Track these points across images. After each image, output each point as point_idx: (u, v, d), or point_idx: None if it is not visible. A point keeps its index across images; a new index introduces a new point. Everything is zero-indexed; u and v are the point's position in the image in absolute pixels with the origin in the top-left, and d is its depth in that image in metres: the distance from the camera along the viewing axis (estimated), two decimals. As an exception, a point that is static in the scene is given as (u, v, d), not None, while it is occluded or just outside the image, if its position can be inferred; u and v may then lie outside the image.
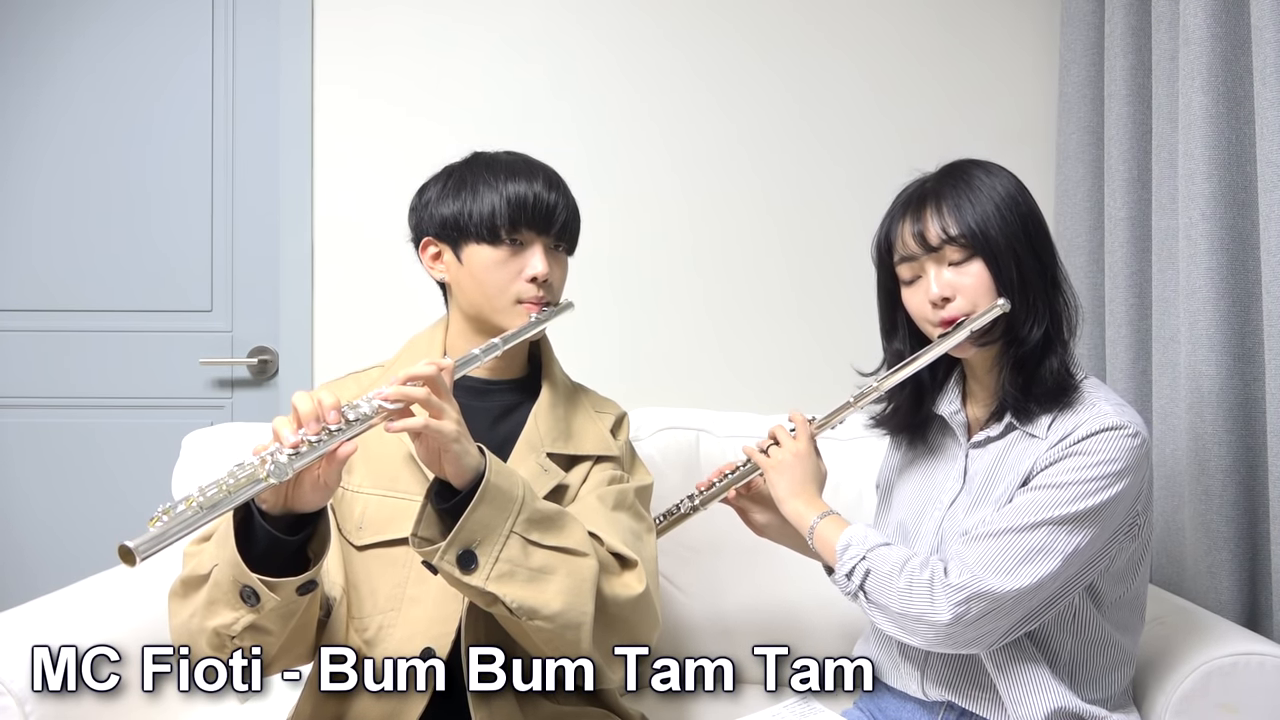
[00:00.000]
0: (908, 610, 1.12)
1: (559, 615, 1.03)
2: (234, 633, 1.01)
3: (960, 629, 1.10)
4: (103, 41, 2.19)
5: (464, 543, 0.99)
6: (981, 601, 1.09)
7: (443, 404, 0.99)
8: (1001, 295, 1.16)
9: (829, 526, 1.22)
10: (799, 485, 1.26)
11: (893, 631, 1.16)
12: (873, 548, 1.18)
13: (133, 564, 0.77)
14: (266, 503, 0.97)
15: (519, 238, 1.22)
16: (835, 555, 1.20)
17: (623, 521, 1.19)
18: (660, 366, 2.17)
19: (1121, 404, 1.16)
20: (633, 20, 2.16)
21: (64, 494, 2.21)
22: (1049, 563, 1.09)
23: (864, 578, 1.16)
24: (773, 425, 1.32)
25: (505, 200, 1.20)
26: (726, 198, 2.17)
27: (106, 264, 2.21)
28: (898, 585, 1.13)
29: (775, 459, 1.27)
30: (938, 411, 1.31)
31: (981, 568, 1.10)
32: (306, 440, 0.91)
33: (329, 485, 0.98)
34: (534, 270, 1.22)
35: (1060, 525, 1.10)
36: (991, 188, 1.18)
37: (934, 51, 2.16)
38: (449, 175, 1.27)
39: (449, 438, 0.98)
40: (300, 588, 1.00)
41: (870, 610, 1.17)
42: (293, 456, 0.90)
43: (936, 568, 1.13)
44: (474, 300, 1.24)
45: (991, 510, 1.17)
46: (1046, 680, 1.16)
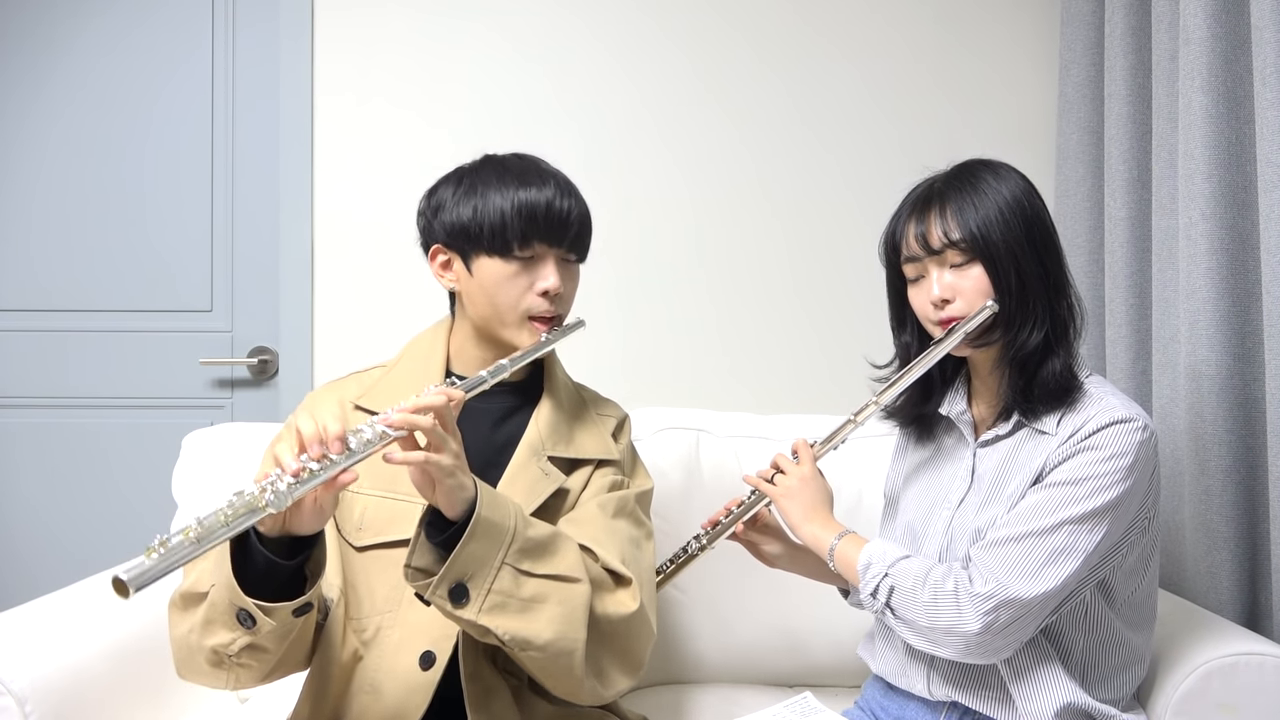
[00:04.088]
0: (936, 623, 1.13)
1: (551, 645, 1.03)
2: (232, 652, 1.01)
3: (990, 637, 1.11)
4: (103, 42, 2.19)
5: (455, 577, 1.00)
6: (1010, 608, 1.10)
7: (446, 436, 0.99)
8: (999, 301, 1.17)
9: (848, 546, 1.22)
10: (811, 509, 1.26)
11: (922, 645, 1.16)
12: (894, 563, 1.18)
13: (126, 596, 0.76)
14: (264, 526, 0.97)
15: (531, 251, 1.19)
16: (857, 575, 1.20)
17: (622, 530, 1.19)
18: (660, 367, 2.17)
19: (1128, 399, 1.17)
20: (634, 21, 2.16)
21: (64, 494, 2.21)
22: (1071, 562, 1.11)
23: (889, 594, 1.17)
24: (774, 454, 1.32)
25: (516, 211, 1.16)
26: (727, 198, 2.17)
27: (106, 264, 2.21)
28: (922, 599, 1.14)
29: (783, 486, 1.27)
30: (943, 412, 1.31)
31: (1005, 573, 1.11)
32: (308, 468, 0.91)
33: (326, 510, 0.98)
34: (546, 285, 1.19)
35: (1081, 523, 1.11)
36: (997, 191, 1.18)
37: (934, 52, 2.16)
38: (459, 180, 1.23)
39: (445, 472, 0.98)
40: (296, 610, 1.00)
41: (899, 626, 1.18)
42: (293, 485, 0.89)
43: (960, 577, 1.13)
44: (483, 313, 1.22)
45: (1004, 508, 1.18)
46: (1057, 677, 1.16)
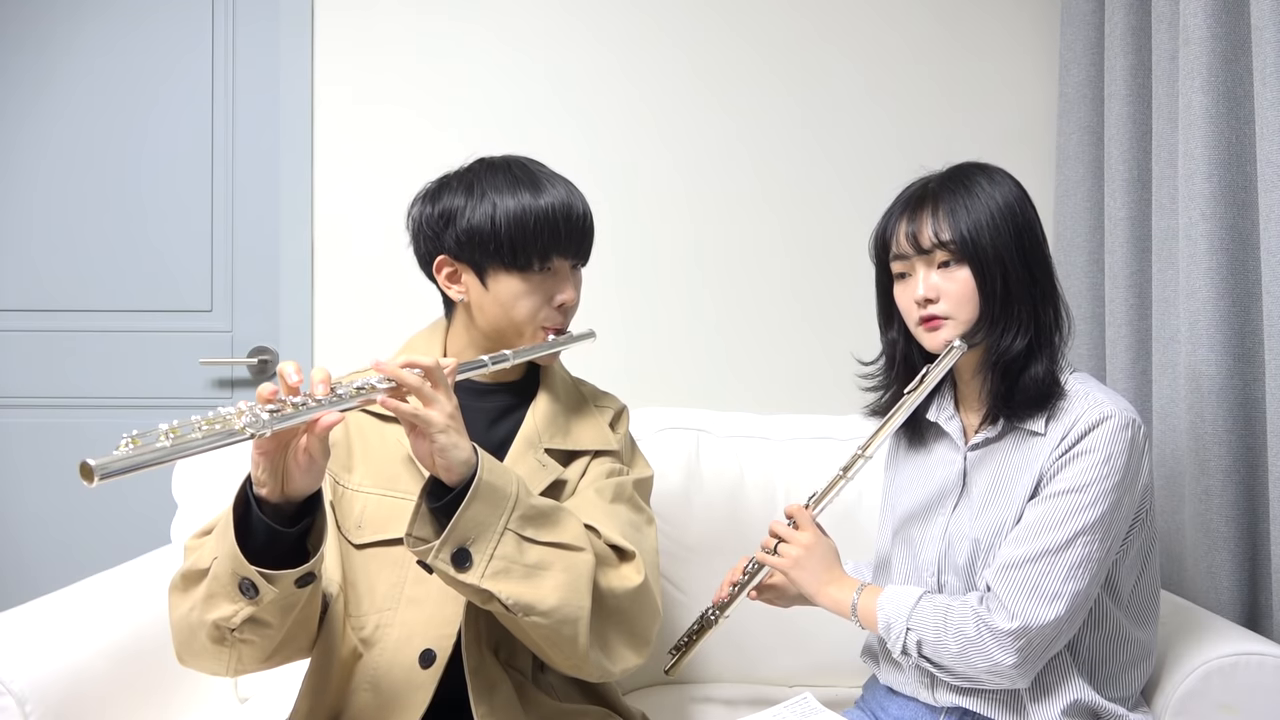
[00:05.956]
0: (972, 669, 1.14)
1: (555, 610, 1.02)
2: (233, 625, 1.00)
3: (1029, 665, 1.13)
4: (103, 42, 2.19)
5: (458, 541, 0.99)
6: (1041, 633, 1.11)
7: (436, 394, 0.99)
8: (983, 305, 1.17)
9: (867, 602, 1.23)
10: (823, 573, 1.26)
11: (966, 685, 1.18)
12: (910, 614, 1.18)
13: (91, 482, 0.75)
14: (265, 487, 0.97)
15: (550, 265, 1.20)
16: (883, 634, 1.21)
17: (621, 514, 1.19)
18: (660, 367, 2.17)
19: (1112, 393, 1.18)
20: (633, 20, 2.16)
21: (64, 494, 2.21)
22: (1089, 572, 1.12)
23: (919, 648, 1.17)
24: (771, 523, 1.31)
25: (538, 228, 1.16)
26: (726, 198, 2.17)
27: (106, 264, 2.21)
28: (951, 650, 1.14)
29: (789, 557, 1.27)
30: (931, 418, 1.32)
31: (1027, 601, 1.11)
32: (290, 403, 0.90)
33: (317, 461, 0.97)
34: (563, 298, 1.22)
35: (1093, 532, 1.11)
36: (990, 196, 1.18)
37: (934, 52, 2.16)
38: (466, 190, 1.20)
39: (435, 428, 0.97)
40: (299, 580, 1.00)
41: (940, 673, 1.18)
42: (274, 414, 0.88)
43: (980, 616, 1.13)
44: (497, 325, 1.21)
45: (1004, 516, 1.18)
46: (1067, 675, 1.17)
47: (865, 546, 1.51)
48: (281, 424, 0.89)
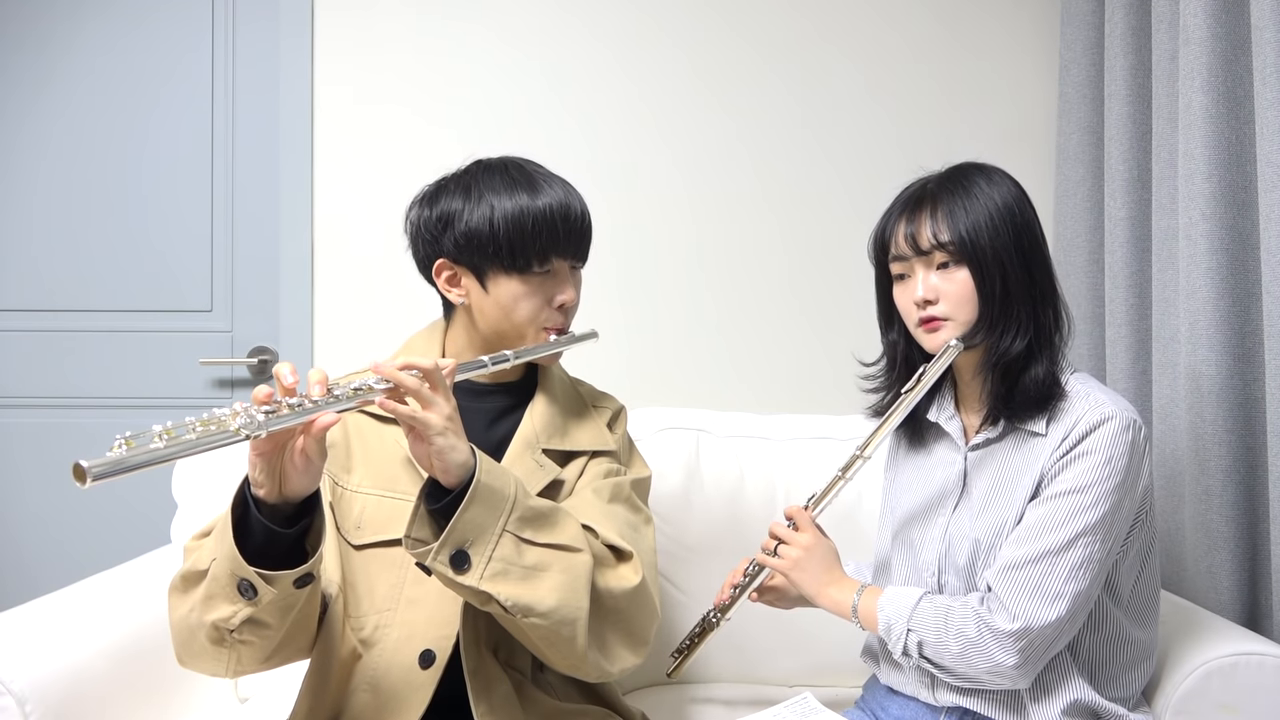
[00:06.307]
0: (973, 669, 1.14)
1: (553, 611, 1.03)
2: (232, 626, 1.00)
3: (1030, 666, 1.13)
4: (103, 42, 2.19)
5: (456, 543, 0.99)
6: (1042, 634, 1.11)
7: (434, 396, 0.99)
8: (982, 306, 1.17)
9: (868, 603, 1.23)
10: (823, 574, 1.26)
11: (969, 685, 1.18)
12: (910, 615, 1.18)
13: (83, 483, 0.75)
14: (262, 488, 0.97)
15: (549, 266, 1.20)
16: (884, 635, 1.21)
17: (619, 514, 1.19)
18: (660, 367, 2.17)
19: (1113, 393, 1.18)
20: (633, 20, 2.16)
21: (64, 494, 2.21)
22: (1090, 572, 1.12)
23: (919, 648, 1.17)
24: (770, 524, 1.31)
25: (536, 229, 1.16)
26: (726, 197, 2.17)
27: (106, 264, 2.21)
28: (952, 651, 1.14)
29: (789, 559, 1.27)
30: (932, 418, 1.31)
31: (1028, 601, 1.11)
32: (286, 404, 0.90)
33: (314, 462, 0.97)
34: (564, 298, 1.22)
35: (1094, 533, 1.11)
36: (989, 197, 1.18)
37: (934, 51, 2.16)
38: (464, 193, 1.20)
39: (433, 430, 0.98)
40: (297, 580, 1.00)
41: (941, 674, 1.18)
42: (269, 415, 0.88)
43: (981, 616, 1.13)
44: (498, 327, 1.22)
45: (1008, 514, 1.18)
46: (1067, 676, 1.17)
47: (865, 547, 1.51)
48: (277, 425, 0.89)
